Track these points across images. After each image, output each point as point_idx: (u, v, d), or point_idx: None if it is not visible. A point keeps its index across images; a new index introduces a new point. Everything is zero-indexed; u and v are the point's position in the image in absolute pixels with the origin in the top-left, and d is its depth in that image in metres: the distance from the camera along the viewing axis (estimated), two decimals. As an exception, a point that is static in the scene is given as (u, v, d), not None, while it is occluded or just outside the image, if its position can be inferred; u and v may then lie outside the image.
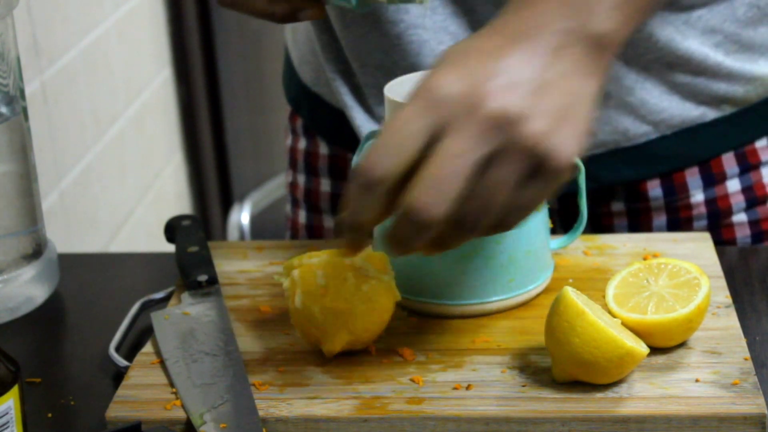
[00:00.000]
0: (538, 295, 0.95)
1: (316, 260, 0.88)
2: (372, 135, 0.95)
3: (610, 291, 0.89)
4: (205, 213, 2.22)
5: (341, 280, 0.87)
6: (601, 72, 0.82)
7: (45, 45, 1.46)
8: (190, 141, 2.16)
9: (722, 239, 1.10)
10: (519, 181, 0.76)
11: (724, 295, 0.94)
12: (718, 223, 1.10)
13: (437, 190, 0.74)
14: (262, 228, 2.24)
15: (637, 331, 0.87)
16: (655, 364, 0.86)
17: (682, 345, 0.88)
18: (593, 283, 0.96)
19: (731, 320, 0.91)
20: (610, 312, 0.88)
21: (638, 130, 1.06)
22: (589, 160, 1.05)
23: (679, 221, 1.10)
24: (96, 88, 1.66)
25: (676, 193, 1.09)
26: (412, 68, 1.02)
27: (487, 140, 0.75)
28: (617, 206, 1.10)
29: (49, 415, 0.88)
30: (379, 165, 0.75)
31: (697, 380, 0.84)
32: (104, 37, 1.69)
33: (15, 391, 0.77)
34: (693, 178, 1.09)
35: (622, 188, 1.10)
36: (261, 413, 0.83)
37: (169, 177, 2.03)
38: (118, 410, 0.84)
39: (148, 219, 1.88)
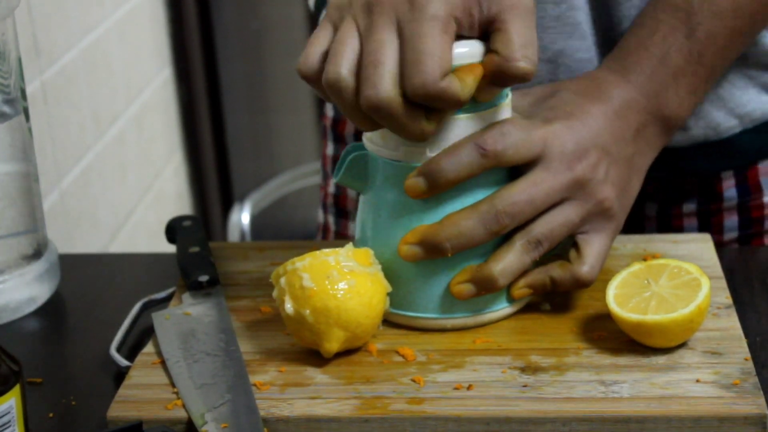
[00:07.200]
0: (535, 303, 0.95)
1: (300, 264, 0.88)
2: (353, 149, 0.92)
3: (611, 291, 0.89)
4: (206, 213, 2.22)
5: (327, 279, 0.87)
6: (662, 146, 0.98)
7: (45, 45, 1.46)
8: (190, 141, 2.16)
9: None
10: (578, 222, 0.91)
11: (724, 296, 0.94)
12: None
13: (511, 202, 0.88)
14: (262, 228, 2.24)
15: (638, 332, 0.87)
16: (656, 364, 0.86)
17: (682, 345, 0.88)
18: (594, 284, 0.96)
19: (732, 321, 0.91)
20: (611, 312, 0.88)
21: (728, 124, 1.07)
22: (671, 151, 1.06)
23: (751, 221, 1.11)
24: (96, 88, 1.66)
25: (750, 193, 1.10)
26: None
27: (568, 190, 0.90)
28: (689, 207, 1.11)
29: (51, 415, 0.88)
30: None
31: (697, 380, 0.84)
32: (104, 37, 1.70)
33: (17, 390, 0.77)
34: (766, 178, 1.10)
35: (696, 189, 1.10)
36: (262, 413, 0.83)
37: (169, 177, 2.03)
38: (119, 410, 0.84)
39: (149, 219, 1.88)
